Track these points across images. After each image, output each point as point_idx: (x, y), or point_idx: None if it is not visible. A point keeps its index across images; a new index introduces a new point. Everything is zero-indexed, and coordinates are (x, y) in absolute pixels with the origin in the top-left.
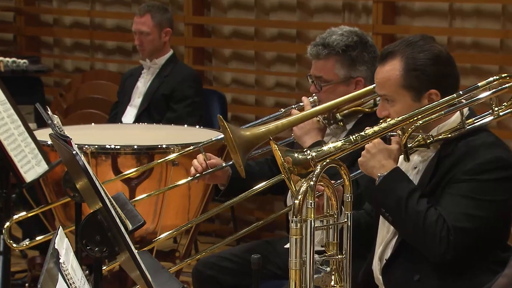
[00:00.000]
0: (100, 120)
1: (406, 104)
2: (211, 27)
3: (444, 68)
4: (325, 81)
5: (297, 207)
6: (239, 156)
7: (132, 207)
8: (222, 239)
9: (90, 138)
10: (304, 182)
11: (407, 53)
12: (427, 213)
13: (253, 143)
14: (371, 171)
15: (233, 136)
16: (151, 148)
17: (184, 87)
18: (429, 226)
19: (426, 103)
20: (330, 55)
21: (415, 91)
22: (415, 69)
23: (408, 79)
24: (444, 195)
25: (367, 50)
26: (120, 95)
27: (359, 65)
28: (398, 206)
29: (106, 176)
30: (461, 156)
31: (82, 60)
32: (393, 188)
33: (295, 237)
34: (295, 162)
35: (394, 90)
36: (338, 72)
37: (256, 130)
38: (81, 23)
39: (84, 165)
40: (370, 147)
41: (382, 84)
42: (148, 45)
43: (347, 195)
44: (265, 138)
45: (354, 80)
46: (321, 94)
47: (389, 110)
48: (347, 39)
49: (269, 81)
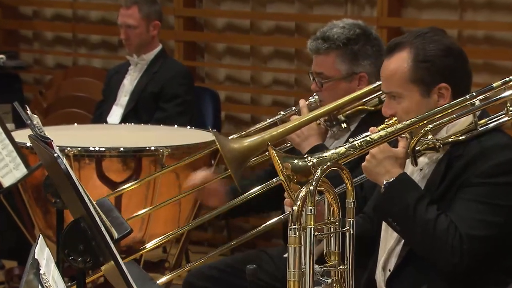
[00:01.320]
0: (83, 120)
1: (414, 100)
2: (203, 20)
3: (455, 61)
4: (326, 77)
5: (295, 214)
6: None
7: (118, 214)
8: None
9: (73, 140)
10: (303, 187)
11: (416, 44)
12: (437, 220)
13: (246, 155)
14: (375, 177)
15: (223, 151)
16: (138, 151)
17: (174, 84)
18: (439, 235)
19: (435, 99)
20: (331, 50)
21: (424, 85)
22: (425, 60)
23: (417, 72)
24: (455, 200)
25: (371, 43)
26: (105, 93)
27: (362, 59)
28: (406, 215)
29: (90, 181)
30: (473, 158)
31: (64, 56)
32: (399, 195)
33: (294, 246)
34: (295, 169)
35: (402, 85)
36: (340, 68)
37: (249, 141)
38: (63, 16)
39: (66, 168)
40: (376, 152)
41: (388, 79)
42: (135, 39)
43: (350, 201)
44: (260, 149)
45: (357, 76)
46: (322, 92)
47: (395, 108)
48: (349, 32)
49: (266, 78)
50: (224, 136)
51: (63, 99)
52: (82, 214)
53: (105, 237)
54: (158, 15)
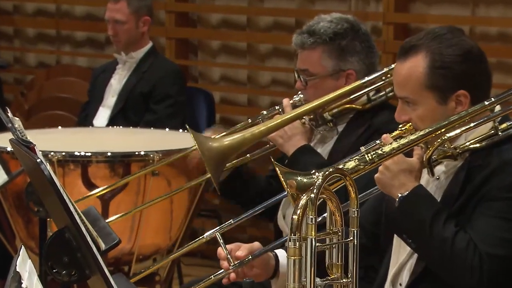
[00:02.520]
0: (68, 123)
1: (430, 108)
2: (197, 15)
3: (474, 66)
4: (311, 74)
5: (295, 224)
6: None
7: (105, 223)
8: (209, 261)
9: (57, 144)
10: (304, 195)
11: (432, 47)
12: (455, 238)
13: (226, 154)
14: (390, 190)
15: (201, 149)
16: (127, 156)
17: (165, 84)
18: (458, 254)
19: (453, 106)
20: (317, 44)
21: (440, 92)
22: (442, 66)
23: (433, 78)
24: (475, 215)
25: (359, 39)
26: (91, 94)
27: (349, 55)
28: (422, 232)
29: (75, 188)
30: (495, 169)
31: (46, 54)
32: (415, 211)
33: (293, 258)
34: (300, 187)
35: (416, 91)
36: (326, 64)
37: (229, 139)
38: (45, 11)
39: (50, 175)
40: (390, 164)
41: (402, 84)
42: (123, 35)
43: (353, 210)
44: (240, 148)
45: (345, 74)
46: (307, 90)
47: (409, 115)
48: (336, 26)
49: (263, 77)
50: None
51: (46, 100)
52: (67, 224)
53: (92, 248)
54: (148, 10)
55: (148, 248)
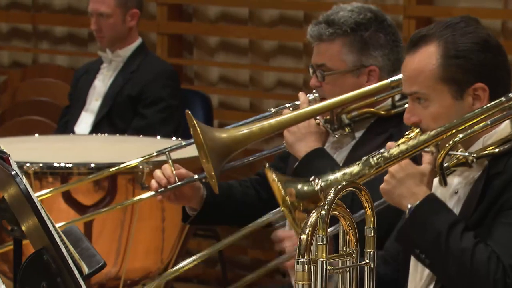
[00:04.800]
0: (46, 130)
1: (445, 104)
2: (192, 7)
3: (493, 56)
4: (328, 69)
5: (304, 244)
6: (211, 165)
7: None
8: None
9: (33, 154)
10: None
11: (445, 36)
12: (475, 250)
13: (231, 148)
14: (398, 200)
15: (204, 138)
16: (113, 167)
17: (156, 86)
18: (478, 267)
19: (469, 102)
20: (336, 36)
21: (456, 85)
22: (457, 55)
23: (448, 69)
24: (496, 226)
25: (384, 31)
26: (72, 97)
27: (373, 49)
28: (437, 244)
29: (54, 204)
30: None
31: (21, 52)
32: (428, 221)
33: (302, 283)
34: (299, 195)
35: (429, 85)
36: (346, 58)
37: (235, 132)
38: (20, 3)
39: (26, 189)
40: (396, 171)
41: (413, 78)
42: (108, 30)
43: (370, 229)
44: (246, 142)
45: (367, 70)
46: (323, 87)
47: (420, 115)
48: (358, 16)
49: (267, 78)
50: None
51: (21, 104)
52: (45, 245)
53: (73, 272)
54: (137, 2)
55: (136, 272)
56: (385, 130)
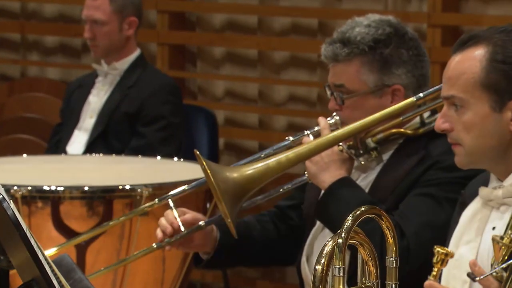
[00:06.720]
0: (35, 150)
1: (481, 113)
2: (196, 16)
3: None
4: (348, 92)
5: (319, 275)
6: (225, 208)
7: (81, 275)
8: None
9: (22, 176)
10: (329, 240)
11: (495, 39)
12: None
13: (246, 188)
14: None
15: (215, 180)
16: (108, 190)
17: (156, 102)
18: None
19: (508, 118)
20: (353, 56)
21: (498, 95)
22: (505, 61)
23: (491, 75)
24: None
25: (406, 46)
26: (65, 114)
27: (395, 67)
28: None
29: (44, 231)
30: None
31: (9, 64)
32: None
33: None
34: None
35: (469, 90)
36: (366, 79)
37: (250, 170)
38: (8, 11)
39: (14, 215)
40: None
41: (453, 79)
42: (103, 39)
43: (391, 259)
44: (262, 181)
45: (390, 90)
46: (343, 111)
47: (453, 122)
48: (376, 32)
49: (279, 93)
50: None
51: (8, 121)
52: (35, 276)
53: None
54: (136, 10)
55: None
56: (416, 150)
